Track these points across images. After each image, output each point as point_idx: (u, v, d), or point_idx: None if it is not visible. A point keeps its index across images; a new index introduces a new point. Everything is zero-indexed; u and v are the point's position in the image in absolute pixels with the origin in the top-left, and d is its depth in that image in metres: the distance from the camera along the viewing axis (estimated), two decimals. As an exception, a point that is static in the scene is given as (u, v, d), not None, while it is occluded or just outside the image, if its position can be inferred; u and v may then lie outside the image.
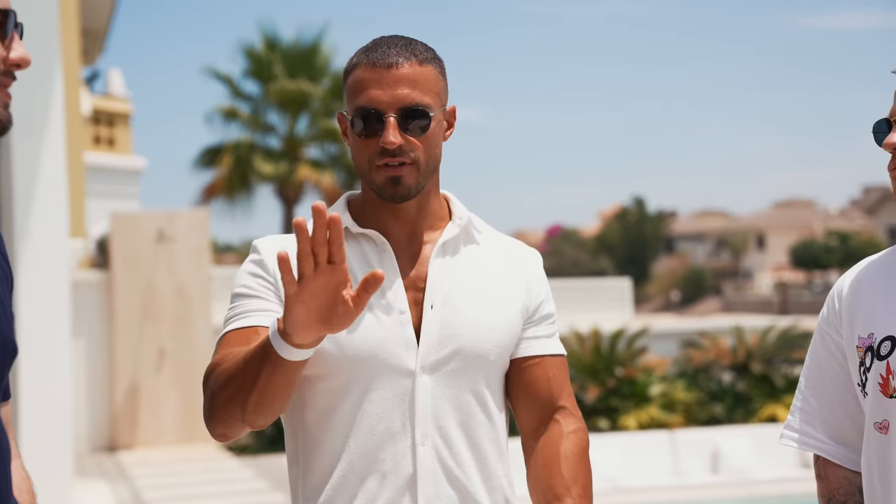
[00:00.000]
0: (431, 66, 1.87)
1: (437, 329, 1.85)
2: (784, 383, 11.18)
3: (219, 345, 1.83)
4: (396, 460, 1.81)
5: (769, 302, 45.55)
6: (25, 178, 6.28)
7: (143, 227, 11.73)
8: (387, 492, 1.81)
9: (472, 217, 1.97)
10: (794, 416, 1.99)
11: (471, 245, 1.95)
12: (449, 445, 1.84)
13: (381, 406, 1.82)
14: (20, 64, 1.46)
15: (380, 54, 1.85)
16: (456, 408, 1.85)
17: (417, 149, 1.84)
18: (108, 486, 9.31)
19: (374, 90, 1.83)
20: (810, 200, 69.75)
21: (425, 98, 1.84)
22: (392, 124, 1.81)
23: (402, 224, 1.90)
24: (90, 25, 14.20)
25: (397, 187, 1.84)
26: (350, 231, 1.89)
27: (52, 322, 6.43)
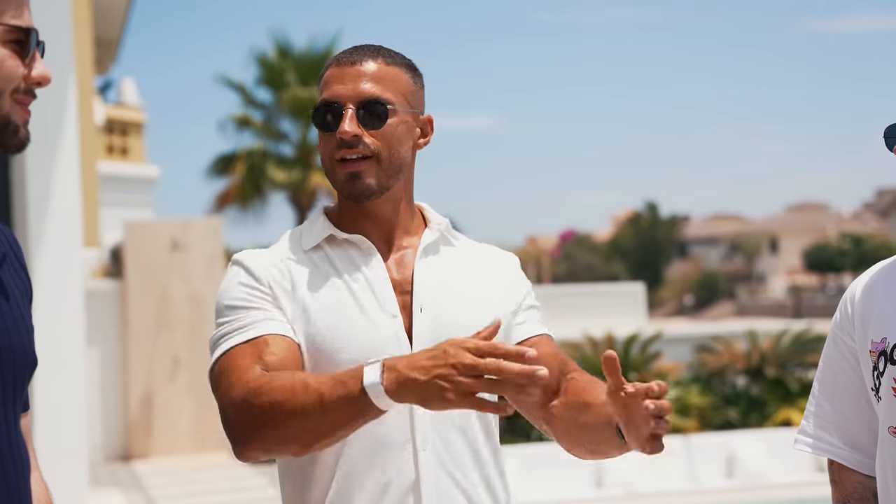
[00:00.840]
0: (399, 69, 1.89)
1: (429, 332, 1.85)
2: (798, 387, 11.14)
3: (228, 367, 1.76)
4: (398, 467, 1.80)
5: (783, 306, 45.41)
6: (40, 188, 6.32)
7: (156, 236, 11.77)
8: (389, 499, 1.80)
9: (448, 223, 1.98)
10: (808, 422, 1.99)
11: (450, 248, 1.97)
12: (449, 449, 1.83)
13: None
14: (41, 82, 1.48)
15: (347, 54, 1.89)
16: (456, 412, 1.81)
17: (376, 143, 1.84)
18: (123, 496, 9.33)
19: (336, 85, 1.86)
20: (823, 204, 69.55)
21: (386, 94, 1.85)
22: (349, 115, 1.83)
23: (380, 229, 1.91)
24: (103, 35, 14.26)
25: (356, 182, 1.84)
26: (335, 237, 1.90)
27: (66, 331, 6.45)
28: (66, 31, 6.27)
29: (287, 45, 22.77)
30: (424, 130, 1.95)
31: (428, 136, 1.95)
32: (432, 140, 1.97)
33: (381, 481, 1.80)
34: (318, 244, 1.90)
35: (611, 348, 11.31)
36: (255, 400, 1.66)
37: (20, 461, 1.46)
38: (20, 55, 1.46)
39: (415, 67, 1.93)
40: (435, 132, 1.97)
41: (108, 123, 18.57)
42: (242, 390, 1.69)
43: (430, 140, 1.95)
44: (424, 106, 1.95)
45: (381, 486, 1.80)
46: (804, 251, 54.56)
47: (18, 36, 1.45)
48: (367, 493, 1.80)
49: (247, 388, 1.68)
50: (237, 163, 22.08)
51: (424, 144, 1.95)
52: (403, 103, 1.88)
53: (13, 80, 1.45)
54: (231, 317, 1.82)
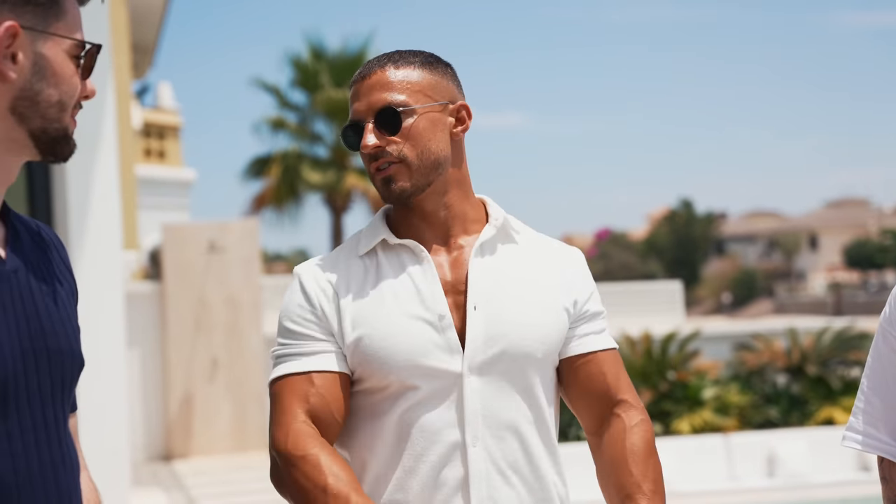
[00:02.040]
0: (410, 68, 1.89)
1: (482, 330, 1.85)
2: (840, 385, 11.02)
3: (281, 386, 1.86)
4: (448, 463, 1.82)
5: (823, 303, 44.98)
6: (80, 192, 6.38)
7: (194, 239, 11.85)
8: (440, 495, 1.82)
9: (508, 218, 1.96)
10: (857, 418, 1.96)
11: (509, 244, 1.95)
12: (500, 446, 1.84)
13: (430, 411, 1.83)
14: (89, 96, 1.53)
15: (360, 70, 1.92)
16: (505, 408, 1.85)
17: (400, 146, 1.86)
18: (164, 495, 9.40)
19: (354, 104, 1.91)
20: (864, 199, 68.78)
21: (399, 97, 1.86)
22: (368, 129, 1.86)
23: (436, 230, 1.91)
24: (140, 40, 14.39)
25: (390, 187, 1.86)
26: (388, 243, 1.91)
27: (107, 333, 6.51)
28: (104, 37, 6.33)
29: (321, 46, 22.86)
30: (460, 118, 1.93)
31: (465, 123, 1.93)
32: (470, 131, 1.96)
33: (431, 477, 1.82)
34: (373, 249, 1.92)
35: (648, 347, 11.29)
36: (286, 467, 1.79)
37: (70, 461, 1.48)
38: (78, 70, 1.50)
39: (433, 60, 1.92)
40: (469, 131, 1.95)
41: (146, 127, 18.73)
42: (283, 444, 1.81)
43: (468, 126, 1.94)
44: (456, 93, 1.93)
45: (431, 482, 1.82)
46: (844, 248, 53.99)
47: (80, 52, 1.49)
48: (420, 489, 1.82)
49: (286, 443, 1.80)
50: (272, 165, 22.18)
51: (463, 132, 1.93)
52: (422, 99, 1.88)
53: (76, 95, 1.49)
54: (288, 340, 1.89)
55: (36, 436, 1.42)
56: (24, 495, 1.39)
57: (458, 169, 1.93)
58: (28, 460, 1.41)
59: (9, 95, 1.44)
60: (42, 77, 1.45)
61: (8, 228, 1.51)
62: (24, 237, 1.53)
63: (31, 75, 1.44)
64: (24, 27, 1.43)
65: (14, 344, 1.40)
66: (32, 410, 1.42)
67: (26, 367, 1.42)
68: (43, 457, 1.43)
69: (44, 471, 1.43)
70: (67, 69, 1.47)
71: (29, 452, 1.41)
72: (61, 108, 1.47)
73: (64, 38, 1.47)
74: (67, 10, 1.48)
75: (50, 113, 1.46)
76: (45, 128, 1.46)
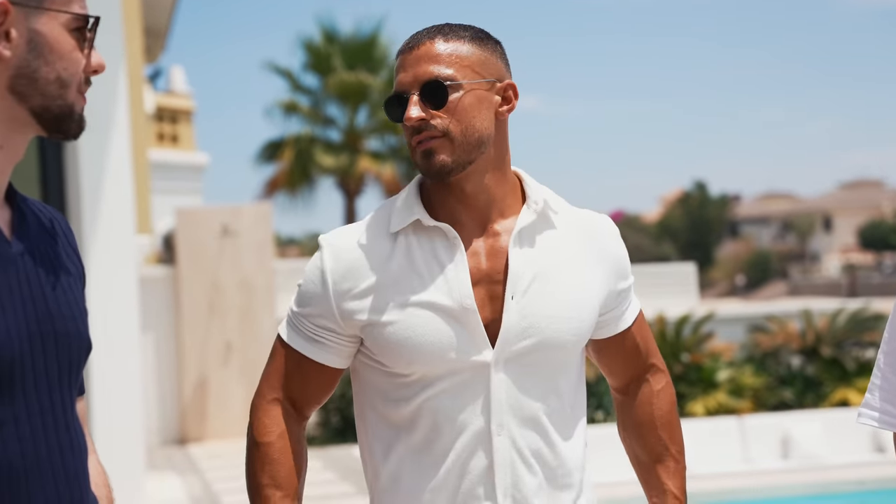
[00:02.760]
0: (462, 42, 1.84)
1: (517, 321, 1.82)
2: (855, 367, 10.98)
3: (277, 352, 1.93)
4: (472, 451, 1.80)
5: (837, 284, 44.81)
6: (93, 177, 6.38)
7: (207, 223, 11.86)
8: (465, 483, 1.81)
9: (547, 198, 1.91)
10: (874, 395, 1.92)
11: (548, 231, 1.89)
12: (525, 435, 1.82)
13: (456, 399, 1.81)
14: (97, 70, 1.49)
15: (409, 40, 1.87)
16: (531, 398, 1.83)
17: (444, 120, 1.80)
18: (179, 479, 9.44)
19: (400, 75, 1.85)
20: (878, 180, 68.42)
21: (447, 71, 1.81)
22: (412, 101, 1.81)
23: (473, 213, 1.86)
24: (152, 24, 14.38)
25: (430, 161, 1.81)
26: (422, 224, 1.85)
27: (121, 317, 6.53)
28: (117, 21, 6.32)
29: (333, 30, 22.80)
30: (506, 97, 1.88)
31: (512, 103, 1.88)
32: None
33: (456, 465, 1.81)
34: (403, 229, 1.86)
35: (662, 329, 11.26)
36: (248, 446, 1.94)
37: (77, 445, 1.48)
38: (81, 44, 1.46)
39: (483, 36, 1.87)
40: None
41: (158, 111, 18.74)
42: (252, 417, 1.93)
43: (514, 106, 1.89)
44: (504, 72, 1.88)
45: (457, 470, 1.81)
46: (859, 229, 53.77)
47: (81, 24, 1.46)
48: (444, 476, 1.81)
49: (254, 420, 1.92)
50: (285, 149, 22.17)
51: (509, 111, 1.88)
52: (470, 75, 1.83)
53: (79, 71, 1.46)
54: (299, 308, 1.90)
55: (43, 419, 1.42)
56: (31, 479, 1.39)
57: (499, 149, 1.87)
58: (35, 444, 1.40)
59: (6, 74, 1.41)
60: (38, 54, 1.42)
61: (14, 211, 1.49)
62: (31, 220, 1.51)
63: (27, 52, 1.41)
64: (16, 3, 1.40)
65: (21, 327, 1.39)
66: (39, 394, 1.42)
67: (33, 350, 1.41)
68: (50, 440, 1.42)
69: (51, 454, 1.42)
70: (66, 44, 1.44)
71: (36, 436, 1.40)
72: (62, 85, 1.44)
73: (59, 11, 1.43)
74: None
75: (50, 90, 1.43)
76: (46, 105, 1.44)
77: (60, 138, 1.48)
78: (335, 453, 10.28)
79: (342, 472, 9.30)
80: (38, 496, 1.40)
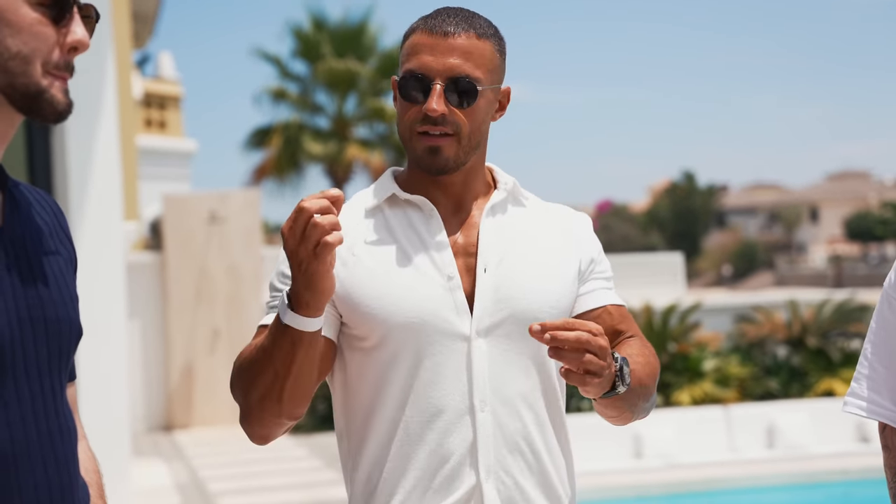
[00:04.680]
0: (489, 43, 1.84)
1: (492, 293, 1.82)
2: (840, 357, 11.02)
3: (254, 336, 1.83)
4: (455, 428, 1.78)
5: (823, 275, 44.98)
6: (80, 163, 6.36)
7: (194, 209, 11.83)
8: (449, 462, 1.78)
9: (516, 183, 1.94)
10: (860, 384, 1.92)
11: (518, 208, 1.93)
12: (509, 411, 1.80)
13: (436, 372, 1.78)
14: (77, 47, 1.41)
15: (439, 21, 1.83)
16: (514, 372, 1.81)
17: (461, 121, 1.81)
18: (165, 466, 9.44)
19: (426, 55, 1.81)
20: (864, 172, 68.65)
21: (476, 72, 1.81)
22: (437, 91, 1.79)
23: (448, 195, 1.88)
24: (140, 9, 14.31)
25: (435, 157, 1.81)
26: (397, 197, 1.87)
27: (107, 304, 6.51)
28: (105, 6, 6.28)
29: (322, 17, 22.75)
30: (502, 103, 1.91)
31: (504, 109, 1.91)
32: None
33: (437, 442, 1.78)
34: (379, 205, 1.88)
35: (649, 319, 11.28)
36: (233, 381, 1.76)
37: (67, 430, 1.47)
38: (54, 20, 1.39)
39: (501, 37, 1.88)
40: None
41: (146, 97, 18.66)
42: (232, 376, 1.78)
43: (505, 112, 1.91)
44: (504, 76, 1.90)
45: (439, 448, 1.78)
46: (845, 220, 53.93)
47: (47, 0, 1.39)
48: (425, 455, 1.78)
49: (233, 373, 1.77)
50: (273, 136, 22.13)
51: (499, 117, 1.92)
52: (489, 80, 1.84)
53: (43, 47, 1.38)
54: (272, 294, 1.85)
55: (33, 405, 1.41)
56: (20, 463, 1.39)
57: (483, 150, 1.90)
58: (25, 429, 1.40)
59: None
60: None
61: (6, 196, 1.48)
62: (23, 205, 1.50)
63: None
64: None
65: (11, 313, 1.39)
66: (29, 379, 1.41)
67: (23, 335, 1.40)
68: (40, 426, 1.42)
69: (41, 440, 1.42)
70: (25, 17, 1.36)
71: (26, 421, 1.40)
72: (24, 61, 1.37)
73: None
74: None
75: (11, 66, 1.36)
76: (10, 82, 1.37)
77: (39, 120, 1.42)
78: (321, 440, 10.29)
79: (328, 459, 9.31)
80: (28, 481, 1.39)
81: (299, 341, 1.65)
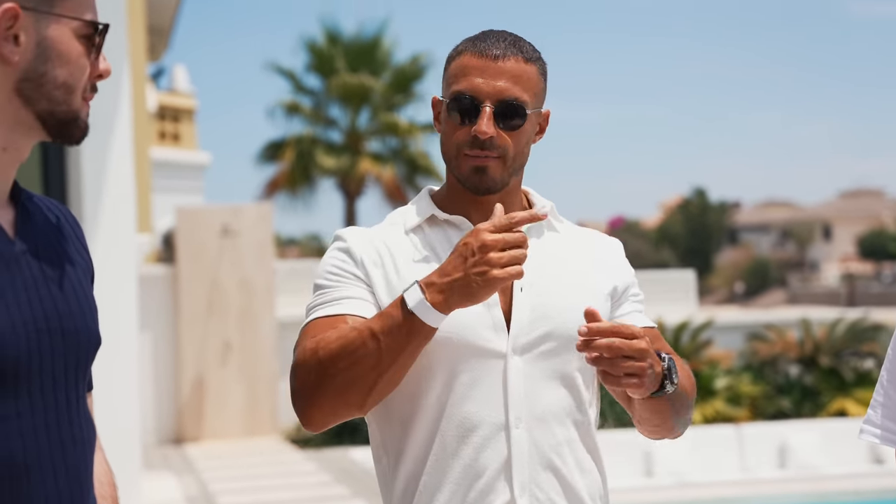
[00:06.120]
0: (535, 66, 1.88)
1: (528, 311, 1.84)
2: (853, 376, 10.97)
3: (304, 333, 1.81)
4: (490, 443, 1.79)
5: (836, 294, 44.81)
6: (94, 175, 6.38)
7: (207, 222, 11.86)
8: (483, 476, 1.79)
9: (553, 207, 1.98)
10: (876, 411, 1.93)
11: (553, 232, 1.96)
12: (543, 428, 1.82)
13: (472, 388, 1.80)
14: (103, 75, 1.50)
15: (488, 44, 1.85)
16: (549, 390, 1.83)
17: (507, 144, 1.84)
18: (175, 479, 9.43)
19: (476, 78, 1.84)
20: (878, 189, 68.45)
21: (524, 95, 1.84)
22: (487, 114, 1.82)
23: (486, 215, 1.88)
24: (156, 22, 14.38)
25: (481, 177, 1.84)
26: (436, 217, 1.91)
27: (119, 316, 6.51)
28: (121, 20, 6.31)
29: (336, 31, 22.81)
30: (542, 126, 1.94)
31: (543, 132, 1.95)
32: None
33: (472, 458, 1.79)
34: (419, 224, 1.91)
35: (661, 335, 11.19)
36: (311, 359, 1.73)
37: (82, 441, 1.48)
38: (89, 51, 1.47)
39: (544, 61, 1.92)
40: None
41: (161, 110, 18.74)
42: (303, 352, 1.75)
43: (544, 135, 1.95)
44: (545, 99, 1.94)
45: (474, 463, 1.79)
46: (858, 238, 53.79)
47: (90, 31, 1.46)
48: (460, 469, 1.79)
49: (306, 349, 1.75)
50: (286, 149, 22.17)
51: (539, 139, 1.95)
52: (535, 103, 1.87)
53: (83, 76, 1.46)
54: (319, 292, 1.86)
55: (46, 416, 1.42)
56: (32, 474, 1.39)
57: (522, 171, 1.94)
58: (38, 440, 1.40)
59: (13, 77, 1.42)
60: (47, 59, 1.43)
61: (19, 210, 1.50)
62: (37, 217, 1.52)
63: (35, 57, 1.42)
64: (26, 8, 1.41)
65: (28, 325, 1.40)
66: (44, 390, 1.42)
67: (41, 347, 1.41)
68: (53, 436, 1.43)
69: (53, 450, 1.43)
70: (74, 50, 1.45)
71: (39, 432, 1.41)
72: (68, 91, 1.45)
73: (70, 18, 1.44)
74: None
75: (56, 95, 1.44)
76: (51, 110, 1.45)
77: (63, 143, 1.50)
78: (331, 455, 10.28)
79: (337, 474, 9.29)
80: (39, 492, 1.40)
81: (419, 333, 1.68)
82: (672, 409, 1.83)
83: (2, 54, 1.40)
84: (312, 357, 1.73)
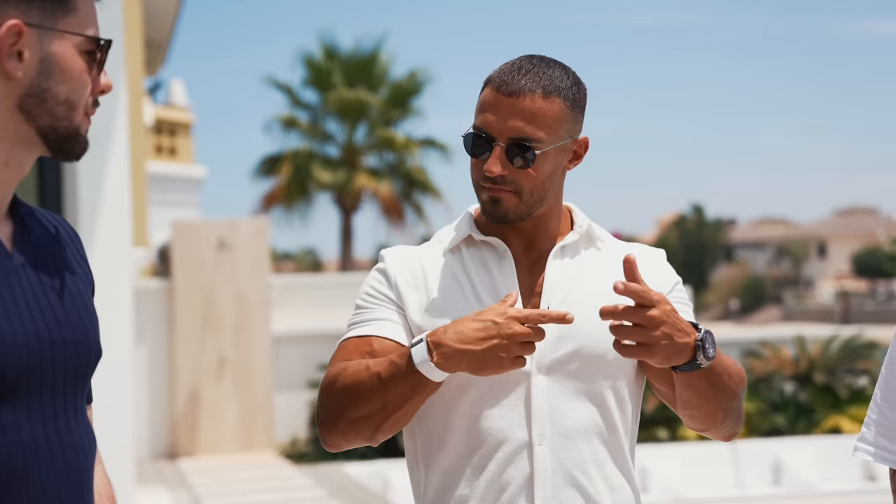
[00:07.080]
0: (558, 99, 1.85)
1: (554, 330, 1.83)
2: (848, 394, 10.98)
3: (337, 350, 1.89)
4: (514, 460, 1.82)
5: (831, 311, 44.86)
6: (91, 188, 6.38)
7: (203, 236, 11.86)
8: (506, 492, 1.82)
9: (592, 224, 1.98)
10: (870, 429, 1.93)
11: (591, 250, 1.96)
12: (568, 446, 1.83)
13: (496, 405, 1.83)
14: (104, 91, 1.51)
15: (509, 78, 1.85)
16: (574, 408, 1.84)
17: (520, 180, 1.85)
18: (168, 493, 9.41)
19: (489, 114, 1.85)
20: (873, 208, 68.60)
21: (538, 133, 1.83)
22: (497, 153, 1.84)
23: (521, 237, 1.93)
24: (153, 36, 14.40)
25: (496, 207, 1.87)
26: (473, 238, 1.94)
27: (114, 330, 6.51)
28: (118, 34, 6.33)
29: (334, 46, 22.87)
30: (577, 153, 1.93)
31: (580, 159, 1.94)
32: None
33: (498, 473, 1.82)
34: (458, 245, 1.94)
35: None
36: (331, 387, 1.82)
37: (83, 451, 1.48)
38: (90, 66, 1.48)
39: (577, 91, 1.89)
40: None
41: (157, 124, 18.76)
42: (328, 377, 1.83)
43: (581, 161, 1.94)
44: (582, 125, 1.92)
45: (498, 480, 1.82)
46: (853, 256, 53.88)
47: (93, 47, 1.47)
48: (485, 484, 1.83)
49: (331, 375, 1.83)
50: (283, 163, 22.20)
51: (574, 166, 1.94)
52: (556, 137, 1.86)
53: (85, 93, 1.47)
54: (357, 311, 1.93)
55: (46, 426, 1.42)
56: (31, 485, 1.40)
57: (557, 194, 1.94)
58: (38, 449, 1.41)
59: (16, 93, 1.43)
60: (49, 75, 1.43)
61: (17, 224, 1.50)
62: (36, 231, 1.52)
63: (38, 73, 1.43)
64: (30, 24, 1.41)
65: (30, 335, 1.41)
66: (43, 401, 1.43)
67: (41, 357, 1.42)
68: (53, 446, 1.43)
69: (53, 461, 1.43)
70: (77, 66, 1.45)
71: (39, 442, 1.41)
72: (70, 107, 1.45)
73: (73, 34, 1.45)
74: (78, 6, 1.46)
75: (58, 111, 1.45)
76: (53, 126, 1.45)
77: (63, 159, 1.50)
78: (326, 470, 10.26)
79: (331, 489, 9.27)
80: (39, 502, 1.40)
81: (423, 387, 1.74)
82: (711, 390, 1.79)
83: (5, 70, 1.41)
84: (332, 387, 1.82)
